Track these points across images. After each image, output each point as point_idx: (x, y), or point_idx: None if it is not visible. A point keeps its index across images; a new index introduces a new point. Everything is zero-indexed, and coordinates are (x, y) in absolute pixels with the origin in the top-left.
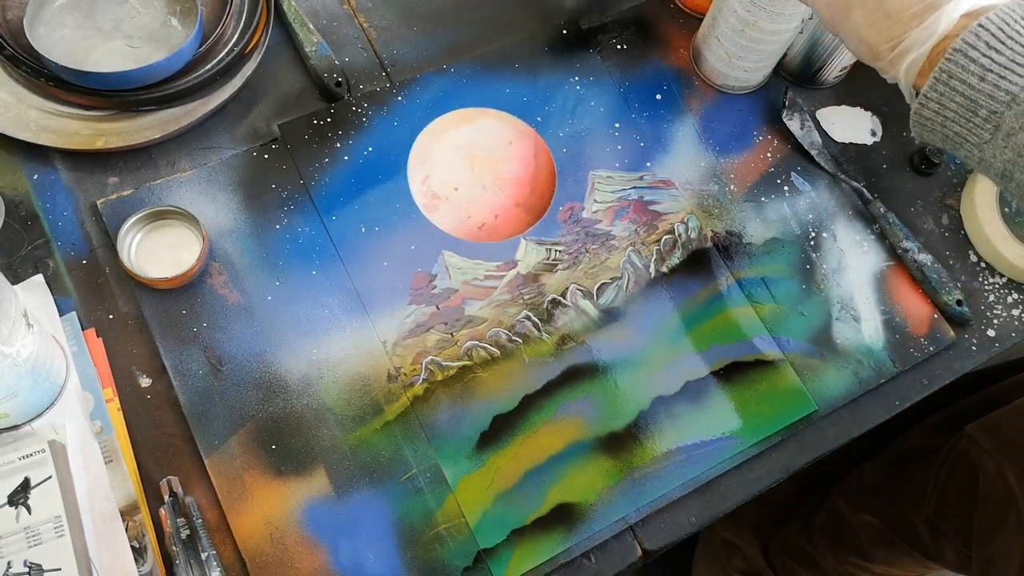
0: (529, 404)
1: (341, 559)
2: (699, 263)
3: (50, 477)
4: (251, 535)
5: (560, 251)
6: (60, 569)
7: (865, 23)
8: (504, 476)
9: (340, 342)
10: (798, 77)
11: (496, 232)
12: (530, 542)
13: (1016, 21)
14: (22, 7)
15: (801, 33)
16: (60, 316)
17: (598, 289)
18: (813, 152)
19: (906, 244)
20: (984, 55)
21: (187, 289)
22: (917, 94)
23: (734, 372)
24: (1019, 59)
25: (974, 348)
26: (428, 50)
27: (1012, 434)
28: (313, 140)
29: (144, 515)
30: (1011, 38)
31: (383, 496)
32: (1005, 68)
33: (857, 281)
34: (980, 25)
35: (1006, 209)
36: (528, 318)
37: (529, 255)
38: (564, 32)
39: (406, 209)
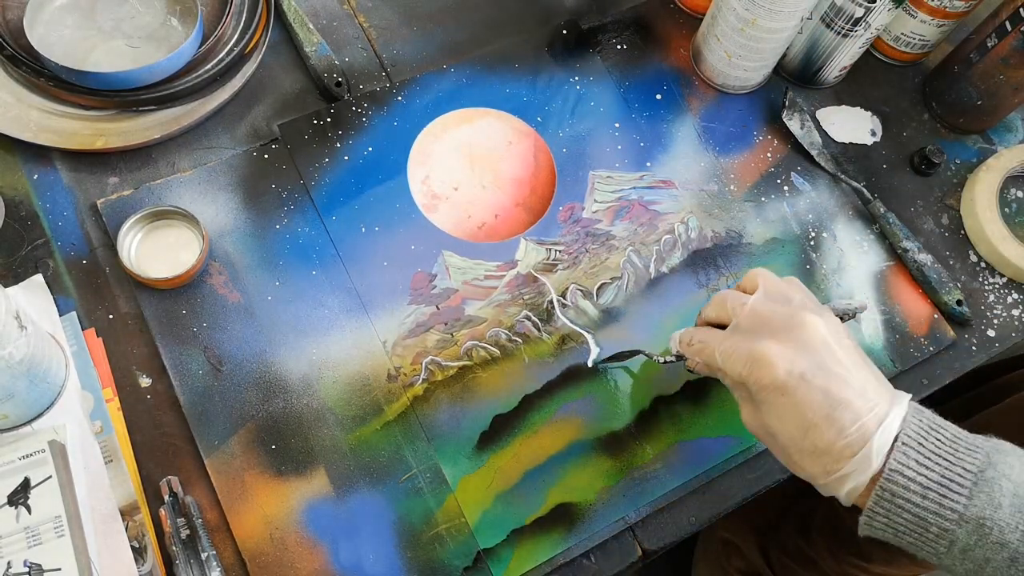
0: (529, 404)
1: (341, 559)
2: (699, 263)
3: (50, 477)
4: (251, 535)
5: (560, 251)
6: (60, 569)
7: (796, 456)
8: (504, 476)
9: (340, 342)
10: (798, 77)
11: (496, 232)
12: (530, 542)
13: (928, 434)
14: (22, 7)
15: (800, 33)
16: (60, 316)
17: (598, 289)
18: (813, 152)
19: (906, 244)
20: (918, 474)
21: (187, 289)
22: (859, 508)
23: None
24: (948, 474)
25: (974, 348)
26: (428, 50)
27: (1004, 433)
28: (313, 140)
29: (144, 515)
30: (934, 452)
31: (383, 496)
32: (941, 485)
33: (857, 281)
34: (903, 443)
35: (1006, 209)
36: (528, 318)
37: (529, 255)
38: (564, 32)
39: (406, 209)
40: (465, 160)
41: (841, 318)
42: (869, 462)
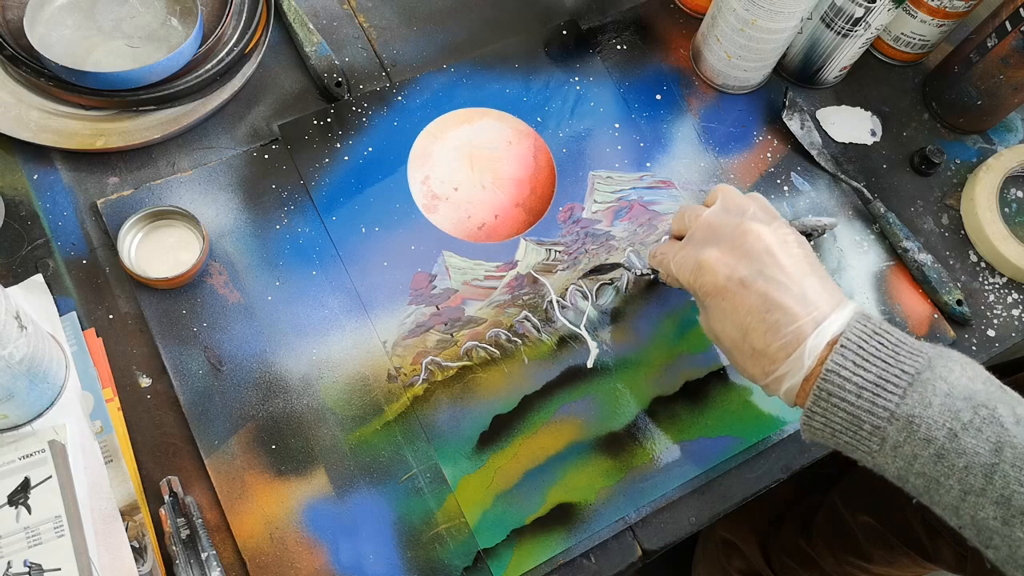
0: (529, 404)
1: (341, 559)
2: None
3: (50, 477)
4: (251, 535)
5: (560, 251)
6: (60, 569)
7: (739, 358)
8: (504, 476)
9: (340, 342)
10: (798, 77)
11: (496, 232)
12: (530, 542)
13: (870, 337)
14: (22, 7)
15: (800, 33)
16: (60, 316)
17: (597, 290)
18: (813, 152)
19: (906, 244)
20: (854, 374)
21: (187, 289)
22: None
23: (734, 372)
24: (885, 375)
25: (974, 348)
26: (428, 50)
27: None
28: (313, 140)
29: (144, 515)
30: (873, 355)
31: (383, 496)
32: (876, 385)
33: (857, 281)
34: (842, 346)
35: (1006, 209)
36: (527, 319)
37: (529, 255)
38: (564, 32)
39: (406, 209)
40: (465, 160)
41: (809, 235)
42: (802, 362)
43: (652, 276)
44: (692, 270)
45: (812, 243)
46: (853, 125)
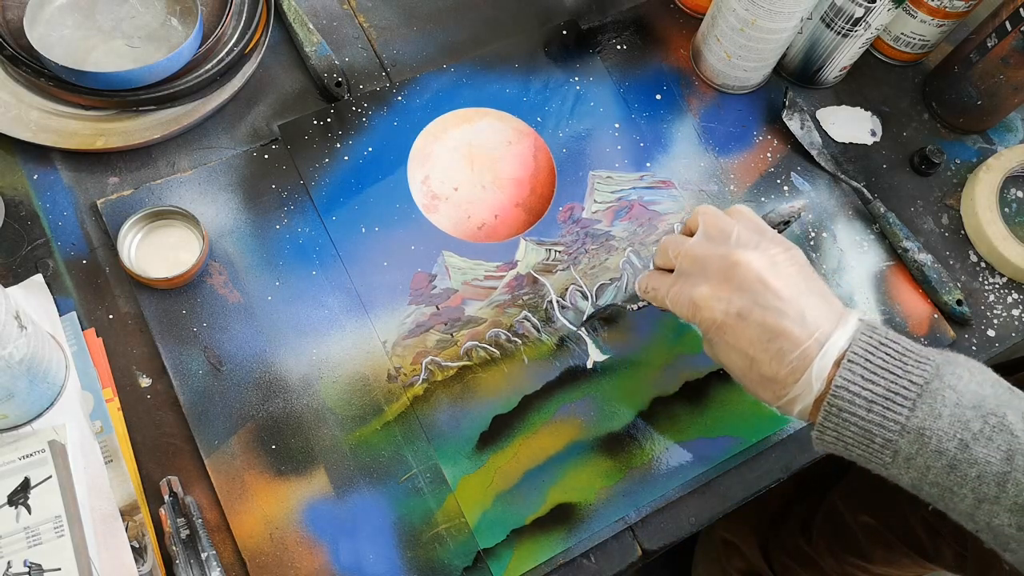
0: (529, 404)
1: (341, 559)
2: None
3: (50, 477)
4: (251, 535)
5: (559, 251)
6: (60, 569)
7: (749, 385)
8: (504, 476)
9: (340, 342)
10: (798, 77)
11: (496, 232)
12: (530, 542)
13: (876, 349)
14: (22, 7)
15: (800, 33)
16: (60, 316)
17: (597, 290)
18: (813, 152)
19: (906, 244)
20: (863, 389)
21: (187, 289)
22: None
23: None
24: (894, 387)
25: (974, 348)
26: (428, 50)
27: None
28: (313, 140)
29: (144, 515)
30: (881, 367)
31: (383, 496)
32: (885, 399)
33: (857, 281)
34: (849, 360)
35: (1006, 209)
36: (527, 319)
37: (529, 255)
38: (564, 32)
39: (406, 209)
40: (465, 160)
41: (786, 223)
42: (811, 385)
43: (647, 307)
44: (688, 307)
45: (787, 230)
46: (853, 125)
